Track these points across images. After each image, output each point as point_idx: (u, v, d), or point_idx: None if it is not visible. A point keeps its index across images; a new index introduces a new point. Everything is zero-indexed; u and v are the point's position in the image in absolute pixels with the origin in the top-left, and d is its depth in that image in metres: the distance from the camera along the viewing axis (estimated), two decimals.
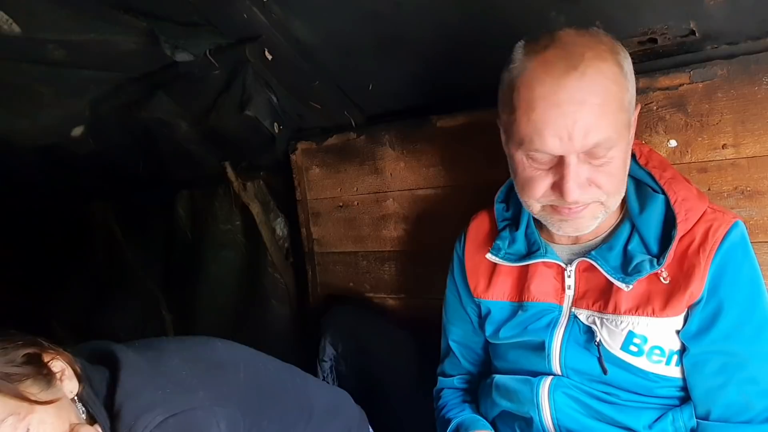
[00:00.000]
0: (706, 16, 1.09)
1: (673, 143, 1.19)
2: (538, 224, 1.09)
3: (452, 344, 1.26)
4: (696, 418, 0.97)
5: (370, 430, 1.37)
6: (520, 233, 1.10)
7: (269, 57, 1.52)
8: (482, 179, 1.45)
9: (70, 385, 0.91)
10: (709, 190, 1.16)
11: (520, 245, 1.10)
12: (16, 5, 1.31)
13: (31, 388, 0.84)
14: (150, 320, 2.57)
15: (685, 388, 0.99)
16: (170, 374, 0.98)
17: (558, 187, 0.91)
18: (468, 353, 1.26)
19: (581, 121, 0.85)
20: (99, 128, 2.04)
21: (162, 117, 1.87)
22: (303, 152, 1.82)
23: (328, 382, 1.61)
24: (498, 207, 1.16)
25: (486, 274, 1.15)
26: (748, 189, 1.14)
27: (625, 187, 0.97)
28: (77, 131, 2.04)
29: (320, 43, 1.46)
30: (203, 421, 0.93)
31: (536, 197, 0.95)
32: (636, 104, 0.95)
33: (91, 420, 0.93)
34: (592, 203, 0.94)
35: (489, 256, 1.12)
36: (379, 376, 1.57)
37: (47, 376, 0.88)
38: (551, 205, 0.96)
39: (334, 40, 1.44)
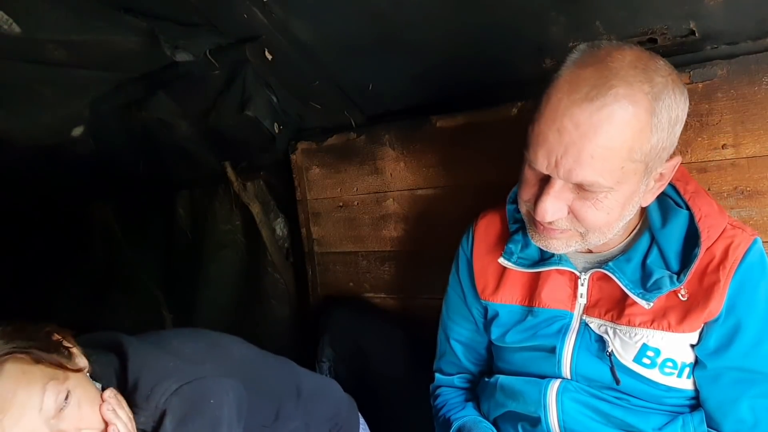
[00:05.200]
0: (706, 16, 1.09)
1: None
2: None
3: (453, 343, 1.25)
4: (707, 428, 0.97)
5: (360, 417, 1.38)
6: None
7: (269, 57, 1.52)
8: (482, 179, 1.46)
9: (81, 362, 0.97)
10: (709, 190, 1.16)
11: (533, 250, 1.07)
12: (16, 5, 1.31)
13: (61, 359, 0.90)
14: (150, 320, 2.57)
15: (694, 398, 0.99)
16: (175, 352, 1.03)
17: (535, 201, 0.90)
18: (470, 353, 1.25)
19: (572, 156, 0.82)
20: (99, 128, 2.03)
21: (162, 117, 1.87)
22: (303, 152, 1.82)
23: None
24: (509, 208, 1.13)
25: (495, 276, 1.12)
26: (748, 189, 1.14)
27: (613, 229, 0.92)
28: (77, 131, 2.04)
29: (320, 43, 1.46)
30: (214, 389, 0.98)
31: (524, 199, 0.95)
32: (673, 156, 0.90)
33: None
34: (570, 230, 0.92)
35: (501, 260, 1.09)
36: (377, 376, 1.57)
37: (67, 350, 0.93)
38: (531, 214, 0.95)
39: (334, 40, 1.44)
